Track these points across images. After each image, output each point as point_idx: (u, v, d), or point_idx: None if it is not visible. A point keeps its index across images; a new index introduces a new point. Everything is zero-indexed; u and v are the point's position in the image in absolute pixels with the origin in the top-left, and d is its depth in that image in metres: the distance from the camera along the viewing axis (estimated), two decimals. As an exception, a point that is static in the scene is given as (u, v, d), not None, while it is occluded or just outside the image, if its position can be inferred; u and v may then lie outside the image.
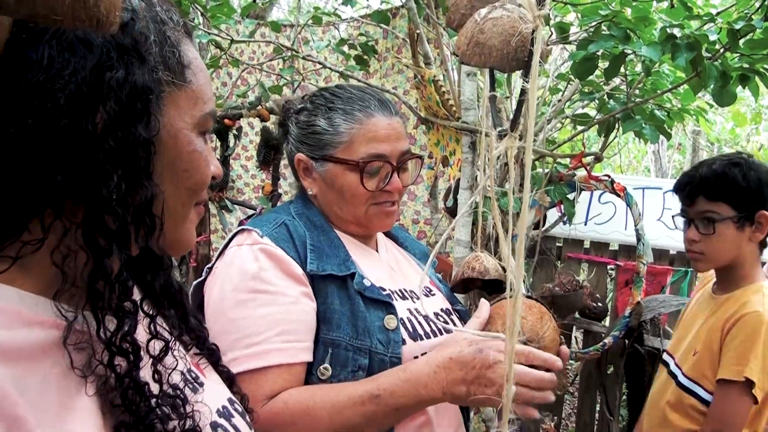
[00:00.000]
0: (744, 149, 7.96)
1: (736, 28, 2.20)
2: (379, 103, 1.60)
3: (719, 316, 2.10)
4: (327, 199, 1.62)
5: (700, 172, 2.11)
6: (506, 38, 1.18)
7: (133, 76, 0.73)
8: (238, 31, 4.54)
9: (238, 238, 1.52)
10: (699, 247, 2.12)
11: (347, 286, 1.50)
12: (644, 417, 2.41)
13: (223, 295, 1.44)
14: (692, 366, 2.14)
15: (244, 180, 5.21)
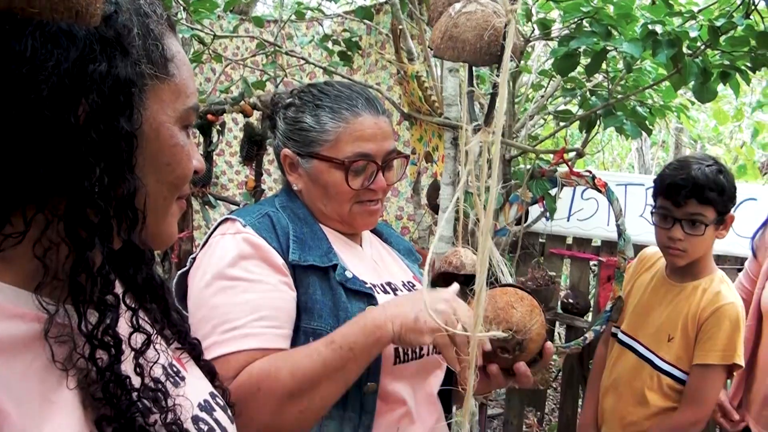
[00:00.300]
0: (727, 146, 8.03)
1: (716, 26, 2.23)
2: (366, 101, 1.61)
3: (690, 304, 2.29)
4: (312, 195, 1.62)
5: (693, 176, 2.18)
6: (479, 32, 1.18)
7: (116, 68, 0.73)
8: (222, 27, 4.53)
9: (221, 228, 1.53)
10: (683, 246, 2.24)
11: (329, 278, 1.51)
12: (605, 398, 2.52)
13: (204, 283, 1.45)
14: (669, 351, 2.31)
15: (228, 176, 5.20)
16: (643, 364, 2.38)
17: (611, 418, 2.51)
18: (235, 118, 4.83)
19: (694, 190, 2.18)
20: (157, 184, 0.83)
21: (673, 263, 2.34)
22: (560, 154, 2.36)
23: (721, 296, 2.26)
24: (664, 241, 2.29)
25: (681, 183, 2.20)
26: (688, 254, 2.27)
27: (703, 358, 2.25)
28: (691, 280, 2.34)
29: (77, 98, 0.70)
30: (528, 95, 3.63)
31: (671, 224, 2.24)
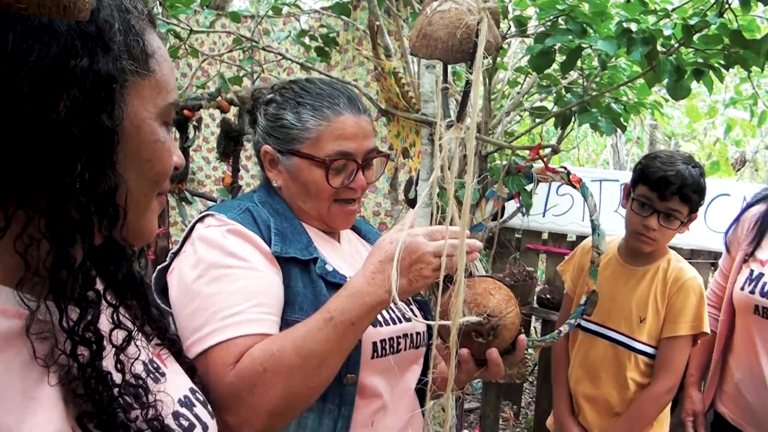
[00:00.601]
0: (701, 143, 8.12)
1: (690, 24, 2.25)
2: (348, 100, 1.61)
3: (655, 284, 2.46)
4: (291, 191, 1.63)
5: (682, 174, 2.30)
6: (452, 30, 1.20)
7: (97, 64, 0.73)
8: (198, 22, 4.50)
9: (204, 222, 1.52)
10: (655, 235, 2.37)
11: (310, 270, 1.51)
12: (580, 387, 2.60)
13: (195, 275, 1.44)
14: (643, 332, 2.45)
15: (205, 172, 5.18)
16: (620, 349, 2.49)
17: (591, 406, 2.57)
18: (211, 113, 4.80)
19: (680, 188, 2.29)
20: (137, 180, 0.83)
21: (640, 249, 2.45)
22: (536, 150, 2.37)
23: (684, 272, 2.45)
24: (637, 228, 2.39)
25: (671, 179, 2.29)
26: (657, 243, 2.40)
27: (673, 331, 2.42)
28: (650, 262, 2.49)
29: (58, 94, 0.70)
30: (504, 92, 3.65)
31: (649, 213, 2.35)
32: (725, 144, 7.36)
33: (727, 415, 2.50)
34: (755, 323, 2.39)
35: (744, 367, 2.43)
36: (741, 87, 4.76)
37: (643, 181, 2.38)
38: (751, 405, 2.39)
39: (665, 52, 2.35)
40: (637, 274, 2.51)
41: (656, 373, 2.46)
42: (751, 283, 2.41)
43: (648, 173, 2.36)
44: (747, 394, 2.40)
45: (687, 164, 2.34)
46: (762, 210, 2.54)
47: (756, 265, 2.44)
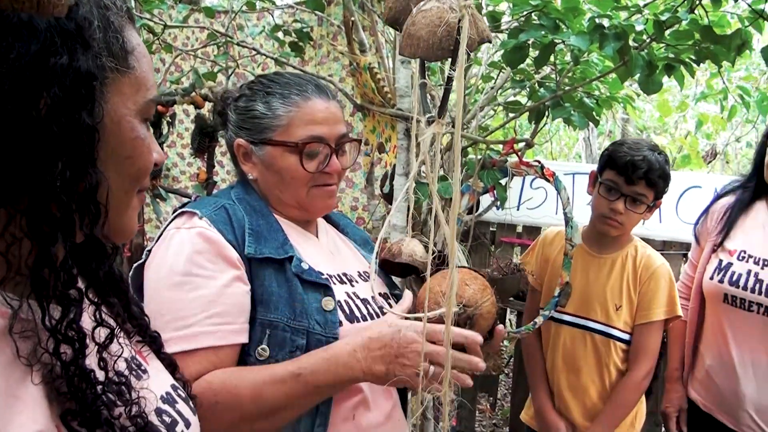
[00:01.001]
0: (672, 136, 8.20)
1: (662, 20, 2.28)
2: (316, 87, 1.63)
3: (626, 272, 2.52)
4: (267, 182, 1.64)
5: (649, 159, 2.36)
6: (432, 29, 1.22)
7: (77, 61, 0.73)
8: (171, 16, 4.47)
9: (176, 221, 1.53)
10: (622, 219, 2.42)
11: (285, 269, 1.52)
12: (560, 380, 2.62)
13: (159, 277, 1.45)
14: (620, 319, 2.51)
15: (180, 168, 5.14)
16: (599, 338, 2.54)
17: (573, 396, 2.60)
18: (186, 109, 4.78)
19: (647, 172, 2.36)
20: (118, 178, 0.83)
21: (606, 232, 2.50)
22: (510, 144, 2.39)
23: (653, 259, 2.53)
24: (604, 211, 2.45)
25: (638, 164, 2.35)
26: (623, 227, 2.46)
27: (647, 317, 2.49)
28: (617, 250, 2.56)
29: (39, 92, 0.70)
30: (478, 87, 3.66)
31: (616, 197, 2.41)
32: (696, 137, 7.45)
33: (698, 401, 2.56)
34: (724, 311, 2.44)
35: (714, 353, 2.48)
36: (712, 81, 4.82)
37: (611, 165, 2.43)
38: (721, 390, 2.45)
39: (637, 48, 2.38)
40: (607, 263, 2.56)
41: (634, 359, 2.52)
42: (720, 272, 2.46)
43: (615, 158, 2.42)
44: (717, 380, 2.47)
45: (652, 151, 2.41)
46: (730, 201, 2.60)
47: (725, 255, 2.49)
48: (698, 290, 2.57)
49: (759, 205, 2.54)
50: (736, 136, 7.65)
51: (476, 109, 3.30)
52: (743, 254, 2.45)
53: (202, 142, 3.69)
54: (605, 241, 2.56)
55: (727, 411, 2.45)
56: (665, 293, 2.49)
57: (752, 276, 2.38)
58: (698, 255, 2.65)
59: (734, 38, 2.29)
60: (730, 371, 2.42)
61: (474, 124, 3.25)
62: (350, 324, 1.56)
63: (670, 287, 2.51)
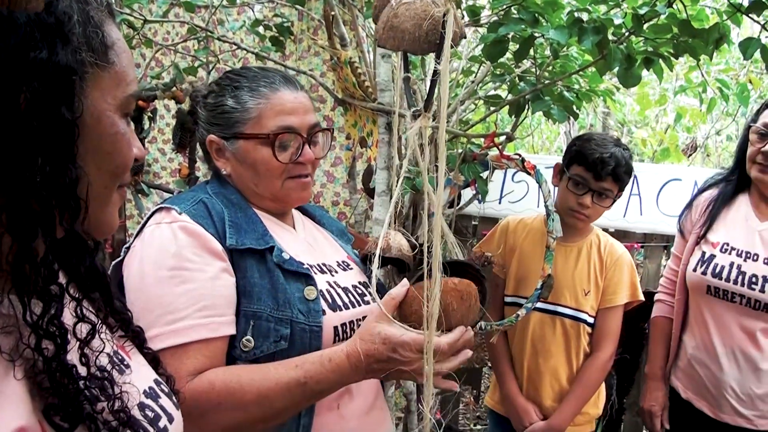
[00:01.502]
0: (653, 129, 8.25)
1: (640, 14, 2.30)
2: (283, 79, 1.64)
3: (591, 259, 2.63)
4: (242, 176, 1.64)
5: (616, 156, 2.44)
6: (418, 22, 1.22)
7: (57, 56, 0.72)
8: (151, 11, 4.44)
9: (156, 217, 1.53)
10: (588, 212, 2.51)
11: (266, 260, 1.53)
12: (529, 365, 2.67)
13: (143, 273, 1.45)
14: (587, 304, 2.61)
15: (161, 163, 5.11)
16: (568, 322, 2.62)
17: (541, 380, 2.66)
18: (167, 104, 4.75)
19: (615, 168, 2.44)
20: (98, 173, 0.83)
21: (574, 225, 2.59)
22: (491, 138, 2.40)
23: (615, 248, 2.66)
24: (572, 205, 2.52)
25: (606, 161, 2.42)
26: (590, 220, 2.57)
27: (612, 301, 2.61)
28: (582, 238, 2.67)
29: (18, 86, 0.70)
30: (459, 80, 3.67)
31: (584, 192, 2.48)
32: (675, 131, 7.49)
33: (680, 388, 2.61)
34: (707, 302, 2.48)
35: (697, 343, 2.52)
36: (691, 75, 4.85)
37: (579, 161, 2.50)
38: (703, 379, 2.50)
39: (616, 41, 2.39)
40: (573, 250, 2.65)
41: (599, 341, 2.63)
42: (703, 264, 2.49)
43: (585, 154, 2.48)
44: (699, 369, 2.51)
45: (618, 146, 2.50)
46: (713, 194, 2.63)
47: (707, 247, 2.53)
48: (682, 282, 2.60)
49: (741, 198, 2.57)
50: (716, 129, 7.71)
51: (457, 103, 3.31)
52: (726, 246, 2.49)
53: (183, 138, 3.66)
54: (569, 230, 2.62)
55: (709, 399, 2.49)
56: (628, 279, 2.61)
57: (735, 268, 2.42)
58: (682, 248, 2.68)
59: (712, 32, 2.31)
60: (712, 360, 2.46)
61: (455, 117, 3.26)
62: (333, 312, 1.58)
63: (632, 273, 2.64)
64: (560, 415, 2.59)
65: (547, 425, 2.60)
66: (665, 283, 2.78)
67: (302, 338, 1.49)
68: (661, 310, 2.77)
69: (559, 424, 2.59)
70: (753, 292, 2.36)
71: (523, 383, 2.70)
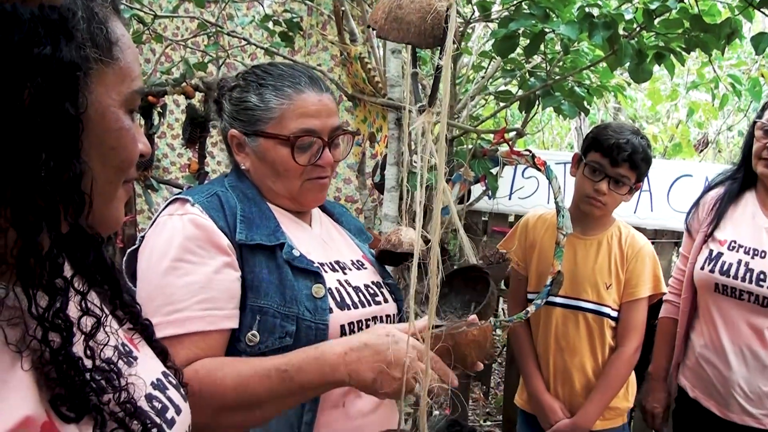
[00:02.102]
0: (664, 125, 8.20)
1: (651, 9, 2.29)
2: (309, 80, 1.63)
3: (612, 251, 2.59)
4: (260, 173, 1.64)
5: (633, 143, 2.42)
6: (423, 15, 1.21)
7: (61, 52, 0.72)
8: (161, 6, 4.45)
9: (169, 208, 1.54)
10: (605, 199, 2.48)
11: (276, 256, 1.53)
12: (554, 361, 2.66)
13: (150, 263, 1.47)
14: (610, 297, 2.58)
15: (170, 158, 5.14)
16: (592, 317, 2.59)
17: (567, 377, 2.64)
18: (175, 99, 4.77)
19: (631, 155, 2.42)
20: (102, 168, 0.83)
21: (590, 213, 2.55)
22: (501, 134, 2.40)
23: (637, 239, 2.62)
24: (588, 192, 2.50)
25: (623, 146, 2.41)
26: (606, 208, 2.52)
27: (635, 294, 2.58)
28: (602, 231, 2.63)
29: (22, 82, 0.70)
30: (469, 76, 3.66)
31: (600, 178, 2.46)
32: (687, 126, 7.45)
33: (687, 387, 2.59)
34: (715, 300, 2.47)
35: (705, 342, 2.51)
36: (703, 70, 4.82)
37: (596, 147, 2.49)
38: (711, 378, 2.48)
39: (626, 36, 2.38)
40: (593, 244, 2.62)
41: (624, 335, 2.59)
42: (711, 262, 2.48)
43: (601, 140, 2.47)
44: (708, 368, 2.49)
45: (635, 134, 2.47)
46: (720, 192, 2.62)
47: (715, 245, 2.51)
48: (690, 280, 2.59)
49: (748, 195, 2.56)
50: (728, 124, 7.66)
51: (467, 99, 3.30)
52: (733, 244, 2.48)
53: (193, 133, 3.68)
54: (589, 222, 2.61)
55: (716, 398, 2.47)
56: (650, 271, 2.58)
57: (743, 265, 2.40)
58: (690, 248, 2.67)
59: (724, 27, 2.30)
60: (720, 358, 2.45)
61: (465, 113, 3.25)
62: (341, 311, 1.57)
63: (654, 265, 2.60)
64: (585, 412, 2.57)
65: (572, 423, 2.59)
66: (674, 284, 2.77)
67: (308, 335, 1.49)
68: (667, 311, 2.76)
69: (585, 421, 2.57)
70: (761, 289, 2.35)
71: (550, 380, 2.68)
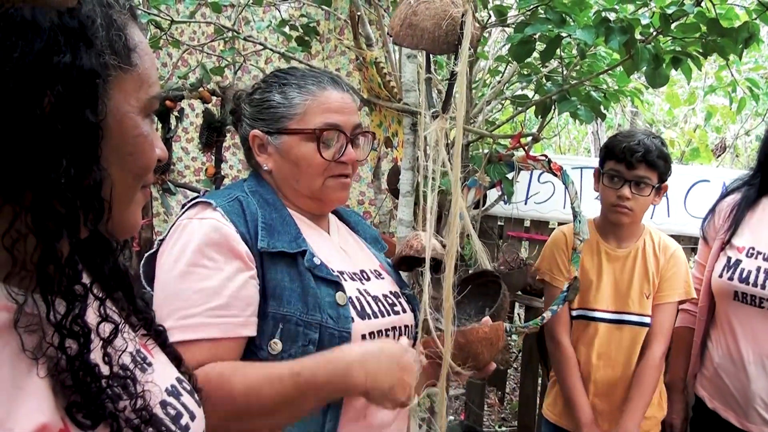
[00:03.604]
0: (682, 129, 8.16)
1: (668, 13, 2.27)
2: (331, 79, 1.65)
3: (647, 261, 2.59)
4: (283, 173, 1.64)
5: (644, 143, 2.44)
6: (438, 21, 1.22)
7: (80, 60, 0.73)
8: (178, 11, 4.47)
9: (189, 212, 1.54)
10: (630, 204, 2.47)
11: (297, 263, 1.52)
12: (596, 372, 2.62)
13: (168, 266, 1.46)
14: (648, 305, 2.58)
15: (184, 162, 5.16)
16: (637, 329, 2.59)
17: (614, 390, 2.62)
18: (191, 103, 4.79)
19: (645, 155, 2.43)
20: (121, 174, 0.84)
21: (619, 221, 2.54)
22: (516, 139, 2.40)
23: (668, 244, 2.64)
24: (612, 200, 2.50)
25: (635, 148, 2.43)
26: (634, 213, 2.51)
27: (666, 298, 2.58)
28: (634, 241, 2.63)
29: (42, 90, 0.70)
30: (485, 81, 3.66)
31: (621, 184, 2.47)
32: (705, 131, 7.41)
33: (705, 398, 2.55)
34: (734, 309, 2.44)
35: (723, 351, 2.47)
36: (721, 73, 4.79)
37: (610, 156, 2.51)
38: (730, 388, 2.44)
39: (643, 41, 2.37)
40: (630, 255, 2.61)
41: (652, 338, 2.59)
42: (729, 269, 2.45)
43: (613, 147, 2.50)
44: (726, 378, 2.46)
45: (647, 136, 2.51)
46: (737, 199, 2.59)
47: (733, 252, 2.48)
48: (707, 289, 2.56)
49: (765, 201, 2.53)
50: (746, 129, 7.61)
51: (483, 103, 3.30)
52: (752, 251, 2.45)
53: (210, 137, 3.70)
54: (622, 233, 2.61)
55: (735, 409, 2.44)
56: (682, 275, 2.59)
57: (762, 272, 2.37)
58: (706, 255, 2.65)
59: (741, 31, 2.28)
60: (740, 369, 2.41)
61: (480, 118, 3.25)
62: (362, 320, 1.56)
63: (686, 270, 2.61)
64: (624, 428, 2.52)
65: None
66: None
67: (330, 343, 1.47)
68: (684, 320, 2.74)
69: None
70: None
71: (590, 395, 2.63)
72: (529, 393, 4.09)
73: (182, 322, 1.40)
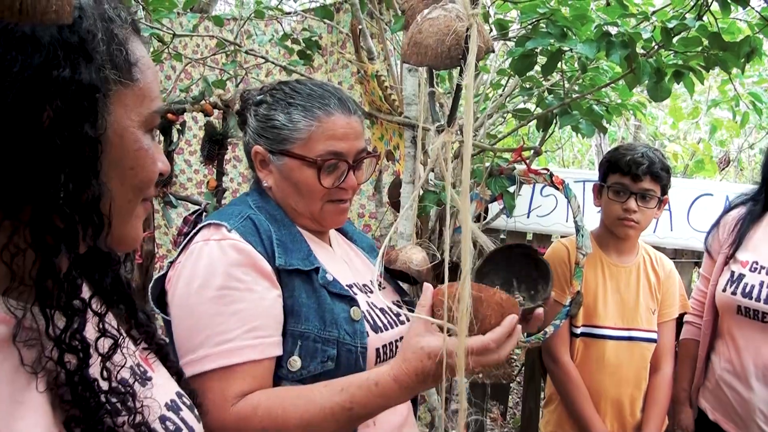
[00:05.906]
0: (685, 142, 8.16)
1: (669, 27, 2.28)
2: (338, 101, 1.61)
3: (649, 277, 2.64)
4: (283, 192, 1.63)
5: (648, 156, 2.47)
6: (441, 37, 1.22)
7: (80, 74, 0.73)
8: (181, 24, 4.49)
9: (204, 233, 1.51)
10: (637, 217, 2.49)
11: (312, 280, 1.52)
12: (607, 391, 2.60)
13: (191, 291, 1.43)
14: (654, 321, 2.62)
15: (187, 175, 5.16)
16: (645, 345, 2.62)
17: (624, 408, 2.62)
18: (194, 116, 4.80)
19: (650, 167, 2.45)
20: (121, 188, 0.84)
21: (625, 235, 2.56)
22: (518, 152, 2.39)
23: (664, 260, 2.71)
24: (618, 214, 2.51)
25: (639, 160, 2.45)
26: (640, 226, 2.53)
27: (669, 315, 2.65)
28: (634, 256, 2.67)
29: (41, 104, 0.70)
30: (487, 94, 3.66)
31: (627, 197, 2.48)
32: (709, 144, 7.40)
33: (708, 410, 2.55)
34: (738, 323, 2.43)
35: (726, 365, 2.47)
36: (725, 87, 4.79)
37: (614, 169, 2.52)
38: (731, 401, 2.44)
39: (645, 55, 2.37)
40: (632, 270, 2.64)
41: (661, 357, 2.63)
42: (733, 284, 2.44)
43: (616, 161, 2.51)
44: (728, 391, 2.45)
45: (648, 148, 2.54)
46: (741, 213, 2.59)
47: (737, 267, 2.48)
48: (711, 303, 2.56)
49: None
50: (749, 142, 7.61)
51: (484, 117, 3.30)
52: (755, 265, 2.44)
53: (211, 150, 3.69)
54: (623, 248, 2.63)
55: (736, 421, 2.43)
56: (679, 291, 2.68)
57: (765, 287, 2.36)
58: (710, 269, 2.64)
59: (743, 45, 2.28)
60: (742, 382, 2.40)
61: (482, 131, 3.25)
62: (375, 334, 1.57)
63: (681, 285, 2.71)
64: None
65: None
66: (694, 305, 2.74)
67: (348, 359, 1.48)
68: (689, 333, 2.73)
69: None
70: None
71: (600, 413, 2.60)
72: (532, 407, 4.07)
73: (221, 348, 1.38)
